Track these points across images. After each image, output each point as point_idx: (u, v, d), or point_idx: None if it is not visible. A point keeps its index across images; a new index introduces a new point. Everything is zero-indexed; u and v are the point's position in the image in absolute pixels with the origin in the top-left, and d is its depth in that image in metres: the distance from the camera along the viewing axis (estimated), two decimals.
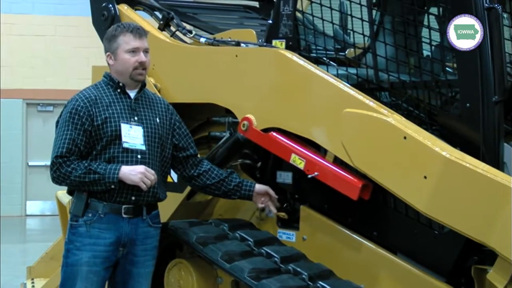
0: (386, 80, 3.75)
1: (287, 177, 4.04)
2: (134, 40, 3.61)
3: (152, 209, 3.67)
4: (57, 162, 3.49)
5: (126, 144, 3.53)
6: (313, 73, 3.71)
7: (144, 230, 3.62)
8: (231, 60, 4.07)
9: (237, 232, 3.90)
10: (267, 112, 3.92)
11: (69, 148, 3.49)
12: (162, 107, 3.76)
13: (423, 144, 3.27)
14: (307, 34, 4.02)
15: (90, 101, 3.56)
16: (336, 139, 3.58)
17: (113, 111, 3.56)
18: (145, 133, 3.59)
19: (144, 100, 3.69)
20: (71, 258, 3.57)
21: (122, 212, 3.55)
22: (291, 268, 3.64)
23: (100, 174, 3.46)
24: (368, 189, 3.58)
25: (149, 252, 3.67)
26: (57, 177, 3.52)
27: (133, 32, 3.62)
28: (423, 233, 3.54)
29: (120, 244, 3.56)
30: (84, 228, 3.53)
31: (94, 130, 3.52)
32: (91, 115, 3.53)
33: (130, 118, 3.58)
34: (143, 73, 3.64)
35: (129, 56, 3.60)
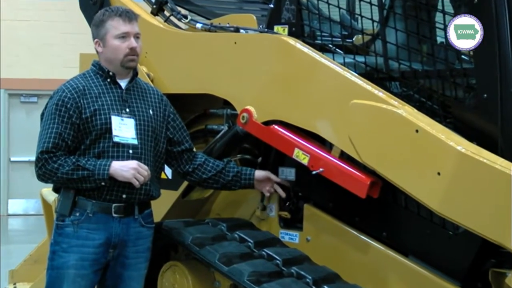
0: (396, 69, 3.75)
1: (290, 173, 4.05)
2: (124, 24, 3.61)
3: (144, 208, 3.68)
4: (43, 158, 3.49)
5: (117, 138, 3.54)
6: (318, 62, 3.71)
7: (136, 231, 3.63)
8: (229, 47, 4.08)
9: (236, 233, 3.92)
10: (268, 104, 3.92)
11: (56, 142, 3.49)
12: (156, 98, 3.77)
13: (437, 138, 3.28)
14: (311, 19, 4.02)
15: (78, 92, 3.56)
16: (342, 132, 3.59)
17: (102, 102, 3.56)
18: (137, 126, 3.60)
19: (136, 91, 3.70)
20: (57, 260, 3.57)
21: (112, 211, 3.55)
22: (294, 271, 3.65)
23: (89, 170, 3.47)
24: (377, 186, 3.59)
25: (141, 254, 3.69)
26: (42, 174, 3.52)
27: (122, 16, 3.61)
28: (436, 234, 3.55)
29: (110, 245, 3.57)
30: (71, 228, 3.54)
31: (82, 123, 3.52)
32: (79, 107, 3.53)
33: (121, 110, 3.59)
34: (134, 59, 3.63)
35: (119, 42, 3.60)
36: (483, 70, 3.44)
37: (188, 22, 4.39)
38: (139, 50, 3.65)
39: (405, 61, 3.70)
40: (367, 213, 3.77)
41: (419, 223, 3.61)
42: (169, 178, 4.33)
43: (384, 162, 3.46)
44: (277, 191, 3.94)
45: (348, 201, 3.73)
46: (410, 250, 3.68)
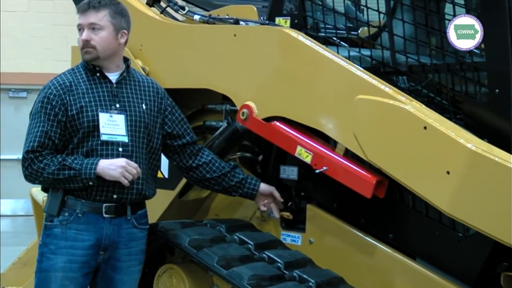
0: (404, 63, 3.77)
1: (292, 172, 4.06)
2: (79, 17, 3.61)
3: (138, 208, 3.68)
4: (28, 158, 3.50)
5: (105, 136, 3.53)
6: (321, 55, 3.72)
7: (128, 232, 3.63)
8: (228, 40, 4.09)
9: (235, 234, 3.93)
10: (269, 99, 3.93)
11: (42, 141, 3.50)
12: (151, 90, 3.75)
13: (446, 135, 3.29)
14: (314, 10, 4.03)
15: (64, 88, 3.56)
16: (347, 129, 3.60)
17: (90, 98, 3.55)
18: (127, 122, 3.59)
19: (128, 84, 3.69)
20: (45, 262, 3.58)
21: (103, 212, 3.55)
22: (296, 274, 3.66)
23: (75, 170, 3.46)
24: (383, 186, 3.60)
25: (134, 256, 3.69)
26: (29, 174, 3.53)
27: (79, 8, 3.62)
28: (446, 236, 3.57)
29: (100, 247, 3.57)
30: (60, 229, 3.54)
31: (69, 121, 3.52)
32: (65, 104, 3.53)
33: (110, 106, 3.58)
34: (88, 51, 3.57)
35: (78, 35, 3.61)
36: (494, 64, 3.45)
37: (185, 13, 4.40)
38: (95, 42, 3.57)
39: (413, 54, 3.71)
40: (372, 214, 3.79)
41: (427, 224, 3.62)
42: (166, 177, 4.35)
43: (391, 160, 3.47)
44: (273, 210, 3.97)
45: (353, 201, 3.74)
46: (418, 252, 3.69)
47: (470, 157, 3.23)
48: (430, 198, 3.35)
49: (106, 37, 3.59)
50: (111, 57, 3.62)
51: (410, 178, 3.41)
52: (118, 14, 3.63)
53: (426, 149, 3.36)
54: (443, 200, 3.30)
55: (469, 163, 3.24)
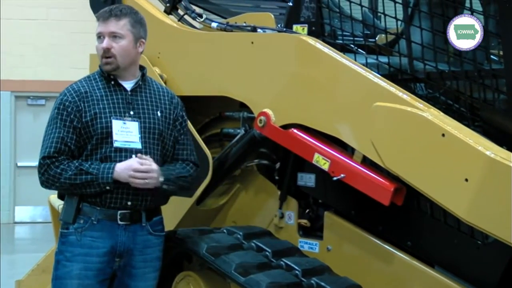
0: (421, 70, 3.76)
1: (310, 179, 4.06)
2: (100, 25, 3.61)
3: (153, 215, 3.67)
4: (45, 164, 3.51)
5: (118, 143, 3.53)
6: (339, 62, 3.72)
7: (143, 239, 3.62)
8: (246, 47, 4.09)
9: (253, 242, 3.93)
10: (287, 107, 3.93)
11: (58, 147, 3.51)
12: (166, 99, 3.74)
13: (464, 142, 3.28)
14: (332, 18, 4.03)
15: (79, 95, 3.57)
16: (365, 136, 3.59)
17: (104, 105, 3.56)
18: (141, 129, 3.58)
19: (144, 92, 3.68)
20: (60, 270, 3.57)
21: (118, 219, 3.55)
22: (314, 282, 3.66)
23: (92, 174, 3.48)
24: (401, 193, 3.59)
25: (150, 263, 3.67)
26: (45, 180, 3.54)
27: (100, 16, 3.62)
28: (464, 243, 3.55)
29: (115, 254, 3.56)
30: (75, 236, 3.54)
31: (83, 128, 3.54)
32: (80, 111, 3.54)
33: (124, 113, 3.58)
34: (109, 61, 3.58)
35: (97, 43, 3.62)
36: None
37: (203, 21, 4.42)
38: (115, 51, 3.57)
39: (431, 61, 3.70)
40: (391, 221, 3.78)
41: (446, 232, 3.61)
42: None
43: (409, 168, 3.46)
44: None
45: (370, 209, 3.73)
46: (436, 260, 3.68)
47: (488, 164, 3.21)
48: (448, 205, 3.34)
49: (126, 45, 3.60)
50: (129, 66, 3.63)
51: (428, 185, 3.40)
52: (137, 23, 3.65)
53: (444, 156, 3.34)
54: (461, 207, 3.28)
55: (488, 170, 3.22)
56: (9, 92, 13.26)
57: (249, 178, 4.43)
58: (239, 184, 4.47)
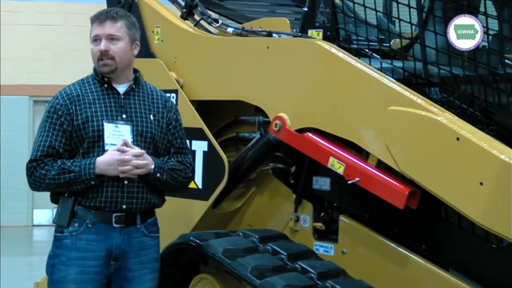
0: (436, 74, 3.75)
1: (325, 183, 4.06)
2: (96, 27, 3.60)
3: (147, 216, 3.63)
4: (31, 166, 3.49)
5: (109, 146, 3.49)
6: (354, 67, 3.71)
7: (138, 241, 3.59)
8: (261, 52, 4.10)
9: (268, 245, 3.92)
10: (302, 111, 3.93)
11: (45, 151, 3.49)
12: (160, 102, 3.70)
13: (479, 146, 3.26)
14: (347, 22, 4.03)
15: (70, 99, 3.55)
16: (379, 140, 3.59)
17: (96, 109, 3.54)
18: (134, 133, 3.55)
19: (137, 95, 3.65)
20: (56, 274, 3.53)
21: (113, 221, 3.52)
22: (329, 285, 3.65)
23: (75, 172, 3.45)
24: (416, 196, 3.58)
25: (146, 265, 3.63)
26: (33, 182, 3.52)
27: (96, 18, 3.60)
28: (479, 247, 3.54)
29: (111, 257, 3.53)
30: (70, 240, 3.50)
31: (74, 131, 3.52)
32: (71, 114, 3.52)
33: (116, 117, 3.55)
34: (107, 63, 3.56)
35: (93, 45, 3.60)
36: None
37: (219, 26, 4.42)
38: (113, 53, 3.55)
39: (445, 66, 3.69)
40: (405, 225, 3.77)
41: (461, 236, 3.59)
42: (199, 188, 4.35)
43: (423, 172, 3.45)
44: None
45: (385, 212, 3.72)
46: (451, 263, 3.67)
47: (503, 168, 3.20)
48: (463, 209, 3.32)
49: (124, 47, 3.58)
50: (125, 68, 3.62)
51: (443, 189, 3.39)
52: (133, 25, 3.65)
53: (459, 160, 3.33)
54: (476, 211, 3.27)
55: (502, 174, 3.21)
56: (27, 97, 13.33)
57: (264, 182, 4.42)
58: (254, 187, 4.47)
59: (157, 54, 4.65)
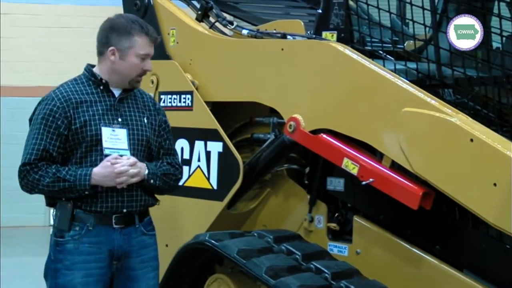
0: (450, 76, 3.74)
1: (339, 184, 4.05)
2: (150, 45, 3.55)
3: (144, 215, 3.62)
4: (24, 170, 3.44)
5: (107, 151, 3.47)
6: (368, 69, 3.71)
7: (138, 240, 3.58)
8: (276, 54, 4.09)
9: (283, 245, 3.92)
10: (316, 112, 3.93)
11: (39, 154, 3.44)
12: (150, 104, 3.69)
13: (492, 147, 3.25)
14: (361, 24, 4.02)
15: (68, 101, 3.49)
16: (394, 141, 3.58)
17: (94, 112, 3.49)
18: (130, 136, 3.53)
19: (130, 98, 3.61)
20: (61, 278, 3.50)
21: (113, 222, 3.50)
22: (343, 285, 3.64)
23: (70, 181, 3.41)
24: (430, 197, 3.57)
25: (147, 263, 3.62)
26: (25, 184, 3.47)
27: (150, 36, 3.55)
28: (493, 248, 3.52)
29: (113, 257, 3.52)
30: (72, 244, 3.47)
31: (71, 134, 3.46)
32: (68, 117, 3.46)
33: (112, 120, 3.52)
34: (141, 80, 3.60)
35: (138, 61, 3.53)
36: None
37: (234, 28, 4.42)
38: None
39: (459, 67, 3.68)
40: (419, 225, 3.75)
41: (474, 236, 3.58)
42: (215, 188, 4.35)
43: (437, 173, 3.44)
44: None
45: (399, 213, 3.71)
46: (465, 264, 3.65)
47: None
48: (477, 210, 3.31)
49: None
50: None
51: (456, 190, 3.37)
52: None
53: (472, 161, 3.32)
54: (490, 212, 3.26)
55: None
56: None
57: (279, 183, 4.42)
58: (269, 188, 4.47)
59: (173, 56, 4.65)
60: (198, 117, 4.39)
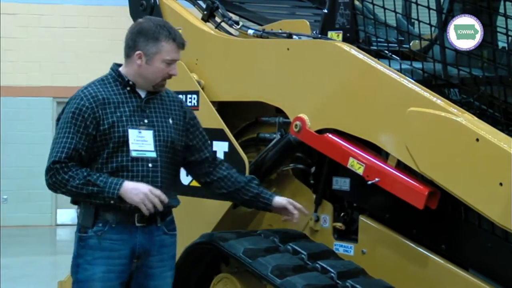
0: (455, 76, 3.73)
1: (344, 183, 4.05)
2: (176, 52, 3.57)
3: (166, 215, 3.65)
4: (54, 168, 3.45)
5: (135, 153, 3.49)
6: (373, 68, 3.71)
7: (159, 239, 3.60)
8: (282, 54, 4.10)
9: (289, 244, 3.92)
10: (322, 112, 3.93)
11: (69, 153, 3.45)
12: (176, 104, 3.70)
13: (498, 147, 3.25)
14: (366, 24, 4.02)
15: (96, 101, 3.51)
16: (399, 141, 3.58)
17: (121, 113, 3.51)
18: (156, 138, 3.55)
19: (155, 99, 3.63)
20: (82, 273, 3.54)
21: (136, 220, 3.53)
22: (349, 284, 3.64)
23: (99, 187, 3.42)
24: (436, 197, 3.57)
25: (166, 262, 3.65)
26: (52, 183, 3.49)
27: (177, 42, 3.56)
28: (499, 247, 3.52)
29: (134, 255, 3.55)
30: (95, 240, 3.51)
31: (99, 135, 3.48)
32: (97, 118, 3.48)
33: (139, 122, 3.54)
34: (165, 83, 3.62)
35: (164, 66, 3.55)
36: None
37: (239, 28, 4.43)
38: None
39: (465, 67, 3.67)
40: (425, 225, 3.75)
41: (480, 236, 3.57)
42: None
43: (443, 172, 3.44)
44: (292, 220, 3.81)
45: (405, 212, 3.71)
46: (471, 263, 3.65)
47: None
48: (482, 209, 3.31)
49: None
50: None
51: (462, 189, 3.37)
52: None
53: (478, 161, 3.32)
54: (496, 211, 3.26)
55: None
56: (51, 98, 13.42)
57: (285, 182, 4.42)
58: (275, 188, 4.47)
59: None
60: (204, 117, 4.38)
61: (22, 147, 13.25)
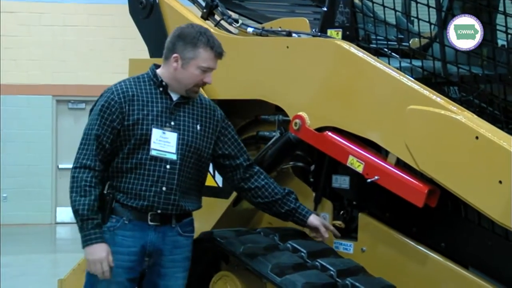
0: (455, 73, 3.73)
1: (344, 181, 4.05)
2: (214, 61, 3.60)
3: (183, 217, 3.67)
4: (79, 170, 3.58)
5: (154, 152, 3.53)
6: (373, 66, 3.70)
7: (172, 240, 3.63)
8: (281, 52, 4.09)
9: (288, 243, 3.92)
10: (321, 110, 3.93)
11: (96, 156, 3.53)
12: (208, 111, 3.73)
13: (498, 145, 3.25)
14: (366, 22, 4.02)
15: (125, 97, 3.57)
16: (399, 139, 3.58)
17: (148, 112, 3.56)
18: (179, 141, 3.57)
19: (187, 104, 3.66)
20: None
21: (148, 219, 3.57)
22: (349, 283, 3.64)
23: (81, 228, 3.50)
24: (435, 195, 3.57)
25: (178, 263, 3.67)
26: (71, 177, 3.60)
27: (215, 51, 3.59)
28: (498, 245, 3.52)
29: (145, 253, 3.58)
30: (108, 235, 3.55)
31: (123, 130, 3.54)
32: (123, 113, 3.54)
33: (165, 123, 3.57)
34: (198, 90, 3.65)
35: (199, 73, 3.58)
36: None
37: (239, 26, 4.42)
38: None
39: (464, 65, 3.67)
40: (425, 223, 3.75)
41: (480, 234, 3.58)
42: (220, 186, 4.36)
43: (443, 170, 3.44)
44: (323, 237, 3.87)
45: (405, 211, 3.71)
46: (471, 262, 3.65)
47: None
48: (482, 207, 3.31)
49: None
50: None
51: (462, 187, 3.37)
52: None
53: (478, 159, 3.32)
54: (495, 209, 3.26)
55: None
56: (50, 96, 13.42)
57: (284, 180, 4.41)
58: None
59: None
60: None
61: (22, 145, 13.25)
